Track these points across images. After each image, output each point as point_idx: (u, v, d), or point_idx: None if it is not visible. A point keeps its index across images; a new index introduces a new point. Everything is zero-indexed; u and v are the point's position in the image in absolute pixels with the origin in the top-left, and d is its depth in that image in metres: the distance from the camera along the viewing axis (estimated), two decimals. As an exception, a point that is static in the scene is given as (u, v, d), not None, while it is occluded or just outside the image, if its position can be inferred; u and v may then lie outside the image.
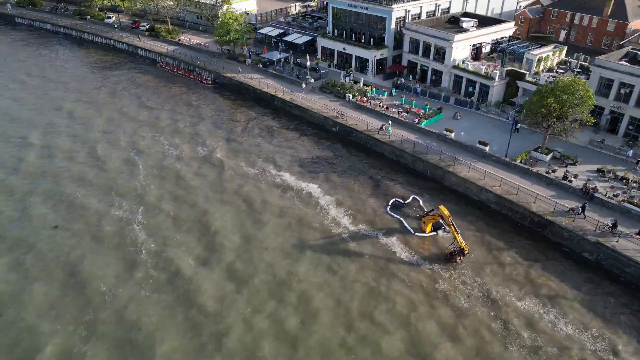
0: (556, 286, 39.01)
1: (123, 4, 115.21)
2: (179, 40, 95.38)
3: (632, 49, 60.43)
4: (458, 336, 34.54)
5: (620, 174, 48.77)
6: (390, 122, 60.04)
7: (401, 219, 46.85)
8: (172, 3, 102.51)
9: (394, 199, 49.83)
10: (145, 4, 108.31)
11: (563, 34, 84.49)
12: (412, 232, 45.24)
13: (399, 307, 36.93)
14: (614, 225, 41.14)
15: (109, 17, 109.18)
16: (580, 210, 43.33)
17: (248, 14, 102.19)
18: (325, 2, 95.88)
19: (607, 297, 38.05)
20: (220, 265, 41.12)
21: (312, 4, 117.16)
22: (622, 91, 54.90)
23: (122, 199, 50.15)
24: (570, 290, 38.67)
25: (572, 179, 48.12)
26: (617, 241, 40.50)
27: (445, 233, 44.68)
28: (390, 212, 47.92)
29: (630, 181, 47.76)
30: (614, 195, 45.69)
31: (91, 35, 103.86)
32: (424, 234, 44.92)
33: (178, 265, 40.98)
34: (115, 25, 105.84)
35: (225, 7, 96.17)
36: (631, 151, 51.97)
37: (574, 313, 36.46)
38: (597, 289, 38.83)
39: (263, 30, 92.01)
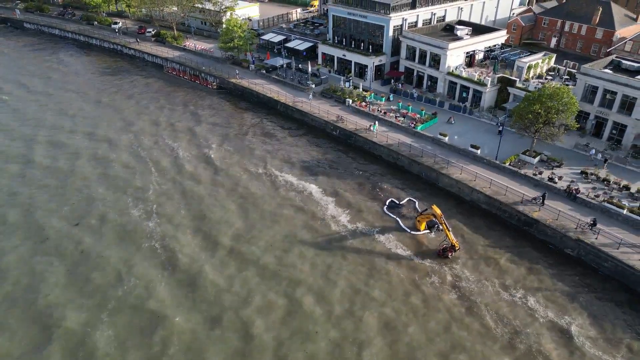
0: (540, 279, 42.35)
1: (129, 10, 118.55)
2: (184, 45, 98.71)
3: (616, 57, 63.78)
4: (447, 322, 37.86)
5: (602, 175, 52.16)
6: (376, 122, 64.41)
7: (397, 218, 50.16)
8: (176, 9, 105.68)
9: (390, 199, 53.13)
10: (151, 9, 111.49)
11: (554, 41, 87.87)
12: (408, 230, 48.56)
13: (395, 297, 40.28)
14: (594, 224, 44.49)
15: (116, 23, 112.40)
16: (541, 199, 47.93)
17: (251, 20, 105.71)
18: (325, 9, 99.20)
19: (586, 289, 41.39)
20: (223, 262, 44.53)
21: (312, 9, 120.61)
22: (607, 97, 58.20)
23: (136, 197, 53.51)
24: (553, 282, 42.01)
25: (557, 180, 51.47)
26: (596, 238, 43.85)
27: (438, 231, 47.92)
28: (386, 212, 51.23)
29: (611, 182, 51.15)
30: (595, 195, 49.05)
31: (99, 40, 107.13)
32: (418, 232, 48.24)
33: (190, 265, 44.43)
34: (117, 30, 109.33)
35: (229, 14, 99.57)
36: (593, 150, 56.02)
37: (554, 302, 39.81)
38: (577, 282, 42.17)
39: (266, 37, 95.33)
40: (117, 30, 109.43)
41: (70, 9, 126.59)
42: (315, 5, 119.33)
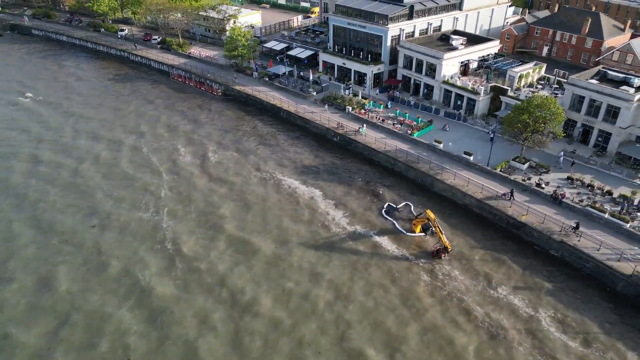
0: (525, 278, 45.71)
1: (135, 17, 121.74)
2: (189, 53, 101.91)
3: (603, 67, 67.08)
4: (439, 316, 41.20)
5: (587, 181, 55.50)
6: (364, 125, 68.81)
7: (394, 221, 53.50)
8: (180, 16, 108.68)
9: (387, 203, 56.44)
10: (156, 16, 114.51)
11: (545, 49, 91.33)
12: (404, 232, 51.88)
13: (392, 292, 43.64)
14: (577, 227, 47.81)
15: (122, 30, 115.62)
16: (510, 194, 52.42)
17: (253, 27, 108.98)
18: (326, 18, 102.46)
19: (568, 287, 44.74)
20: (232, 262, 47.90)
21: (313, 16, 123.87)
22: (593, 106, 61.44)
23: (146, 198, 56.83)
24: (537, 281, 45.36)
25: (544, 185, 54.79)
26: (579, 240, 47.17)
27: (432, 234, 51.22)
28: (384, 215, 54.55)
29: (595, 188, 54.48)
30: (579, 200, 52.37)
31: (106, 47, 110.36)
32: (413, 235, 51.55)
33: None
34: (119, 37, 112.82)
35: (232, 22, 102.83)
36: (562, 152, 59.66)
37: (537, 298, 43.19)
38: (559, 281, 45.51)
39: (268, 45, 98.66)
40: (119, 37, 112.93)
41: (77, 16, 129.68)
42: (316, 13, 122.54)
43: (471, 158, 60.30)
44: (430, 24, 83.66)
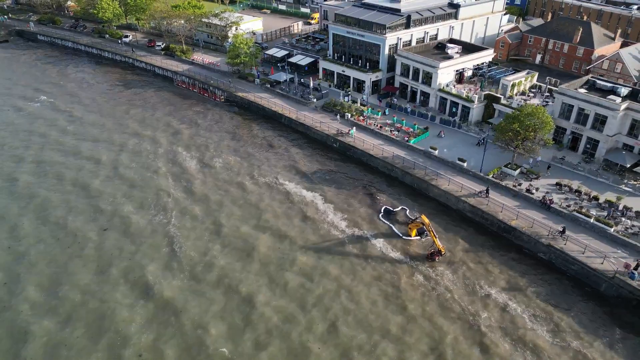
0: (514, 279, 48.42)
1: (139, 23, 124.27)
2: (193, 59, 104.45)
3: (592, 77, 69.77)
4: (433, 315, 43.91)
5: (575, 187, 58.20)
6: (354, 127, 72.21)
7: (391, 224, 56.20)
8: (184, 22, 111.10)
9: (385, 207, 59.12)
10: (160, 23, 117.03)
11: (539, 57, 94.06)
12: (400, 235, 54.57)
13: (389, 292, 46.35)
14: (563, 231, 50.51)
15: (127, 36, 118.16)
16: (485, 192, 56.34)
17: (255, 34, 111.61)
18: (325, 25, 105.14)
19: (554, 288, 47.46)
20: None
21: (313, 22, 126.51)
22: (582, 115, 64.12)
23: (154, 202, 59.50)
24: (525, 282, 48.08)
25: (534, 191, 57.49)
26: (565, 244, 49.86)
27: (428, 237, 53.93)
28: (381, 219, 57.23)
29: (582, 193, 57.20)
30: (567, 205, 55.07)
31: (110, 53, 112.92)
32: (409, 238, 54.23)
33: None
34: (120, 42, 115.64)
35: (234, 28, 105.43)
36: (539, 157, 62.78)
37: (525, 299, 45.91)
38: (547, 282, 48.21)
39: (269, 52, 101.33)
40: (120, 42, 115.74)
41: (82, 22, 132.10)
42: (316, 19, 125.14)
43: (465, 164, 62.94)
44: (427, 32, 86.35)
